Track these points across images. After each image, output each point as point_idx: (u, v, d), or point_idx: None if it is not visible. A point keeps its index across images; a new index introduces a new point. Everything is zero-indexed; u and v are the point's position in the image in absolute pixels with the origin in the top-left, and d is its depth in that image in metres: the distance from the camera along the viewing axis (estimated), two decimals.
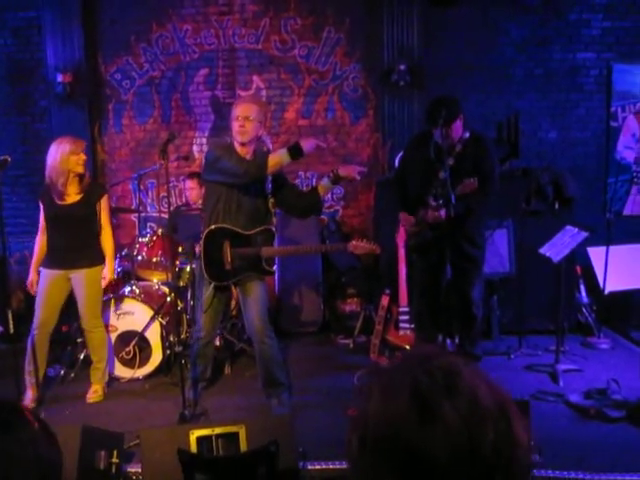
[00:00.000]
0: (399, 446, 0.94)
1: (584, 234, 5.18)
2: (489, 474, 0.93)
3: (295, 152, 4.30)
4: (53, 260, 4.92)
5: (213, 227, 4.41)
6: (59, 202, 4.83)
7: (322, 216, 7.28)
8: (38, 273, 4.97)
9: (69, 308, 5.12)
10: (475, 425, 0.94)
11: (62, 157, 4.71)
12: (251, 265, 4.47)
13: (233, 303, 5.82)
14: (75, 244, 4.88)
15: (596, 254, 6.17)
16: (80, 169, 4.80)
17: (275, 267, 6.58)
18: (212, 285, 4.52)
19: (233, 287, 4.80)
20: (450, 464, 0.91)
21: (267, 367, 4.63)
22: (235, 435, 3.16)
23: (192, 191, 6.26)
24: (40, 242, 4.99)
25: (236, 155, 4.35)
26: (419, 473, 0.93)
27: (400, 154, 6.14)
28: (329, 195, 7.41)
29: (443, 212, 4.56)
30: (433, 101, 4.80)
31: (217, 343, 5.54)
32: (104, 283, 5.07)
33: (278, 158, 4.35)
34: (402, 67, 6.86)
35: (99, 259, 5.01)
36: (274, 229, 4.58)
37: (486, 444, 0.93)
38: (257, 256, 4.46)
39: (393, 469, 0.94)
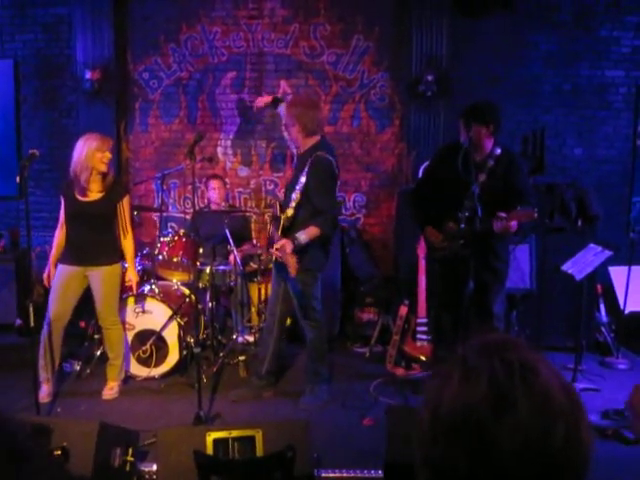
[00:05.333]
0: (472, 432, 0.96)
1: (608, 253, 5.14)
2: (557, 468, 0.96)
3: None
4: (71, 256, 4.92)
5: None
6: (80, 198, 4.84)
7: (343, 224, 7.27)
8: (55, 267, 4.99)
9: (87, 304, 5.12)
10: (548, 420, 0.96)
11: (88, 153, 4.73)
12: None
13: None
14: (93, 241, 4.89)
15: (617, 273, 6.14)
16: (103, 167, 4.81)
17: None
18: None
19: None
20: (520, 455, 0.94)
21: (309, 352, 4.90)
22: (252, 439, 3.15)
23: (215, 191, 6.29)
24: (59, 236, 5.01)
25: None
26: (489, 460, 0.95)
27: (424, 165, 6.12)
28: (351, 203, 7.40)
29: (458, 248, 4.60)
30: (476, 101, 4.87)
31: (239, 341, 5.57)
32: (131, 286, 5.10)
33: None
34: (430, 77, 6.84)
35: (117, 257, 5.02)
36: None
37: (557, 439, 0.95)
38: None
39: (463, 453, 0.97)
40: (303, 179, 4.55)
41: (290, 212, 4.59)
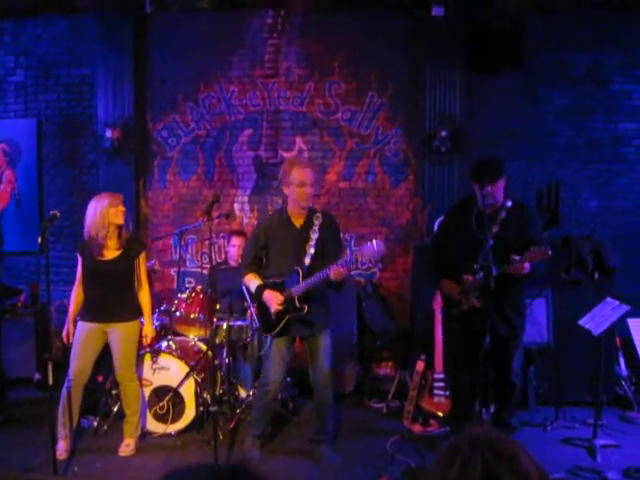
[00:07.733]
0: None
1: (625, 307, 5.11)
2: None
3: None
4: (90, 313, 4.98)
5: None
6: (98, 258, 4.91)
7: (359, 278, 7.29)
8: (74, 324, 5.03)
9: (105, 358, 5.15)
10: None
11: (102, 211, 4.82)
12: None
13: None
14: (112, 298, 4.94)
15: (636, 326, 6.07)
16: (119, 220, 4.90)
17: None
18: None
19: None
20: None
21: (329, 411, 4.90)
22: None
23: (235, 248, 6.32)
24: (76, 294, 5.06)
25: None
26: None
27: (439, 219, 6.15)
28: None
29: (476, 301, 4.59)
30: (479, 159, 4.84)
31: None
32: (146, 341, 5.13)
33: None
34: (443, 133, 6.92)
35: (136, 314, 5.07)
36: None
37: None
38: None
39: None
40: (315, 235, 4.70)
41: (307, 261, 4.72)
